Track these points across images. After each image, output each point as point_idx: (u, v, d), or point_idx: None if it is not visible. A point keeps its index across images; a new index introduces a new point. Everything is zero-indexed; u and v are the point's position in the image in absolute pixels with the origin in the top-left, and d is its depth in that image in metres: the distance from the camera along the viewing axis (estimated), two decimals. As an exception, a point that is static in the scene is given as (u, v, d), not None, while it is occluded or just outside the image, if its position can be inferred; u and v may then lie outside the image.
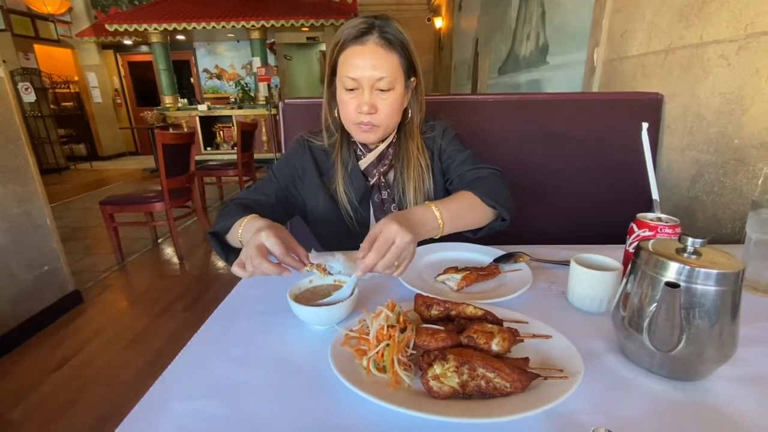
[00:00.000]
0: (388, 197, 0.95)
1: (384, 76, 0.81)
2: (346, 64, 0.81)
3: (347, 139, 0.94)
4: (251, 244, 0.61)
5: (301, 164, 0.96)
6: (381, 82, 0.81)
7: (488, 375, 0.43)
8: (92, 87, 8.26)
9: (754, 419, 0.42)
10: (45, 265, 2.22)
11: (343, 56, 0.82)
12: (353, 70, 0.81)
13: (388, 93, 0.83)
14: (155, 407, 0.46)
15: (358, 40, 0.80)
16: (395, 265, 0.60)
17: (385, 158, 0.94)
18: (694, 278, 0.43)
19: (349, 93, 0.83)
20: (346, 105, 0.85)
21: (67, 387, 1.74)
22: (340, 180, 0.92)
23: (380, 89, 0.82)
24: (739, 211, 1.01)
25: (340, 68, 0.84)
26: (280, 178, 0.95)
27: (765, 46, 0.92)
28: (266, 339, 0.58)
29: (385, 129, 0.88)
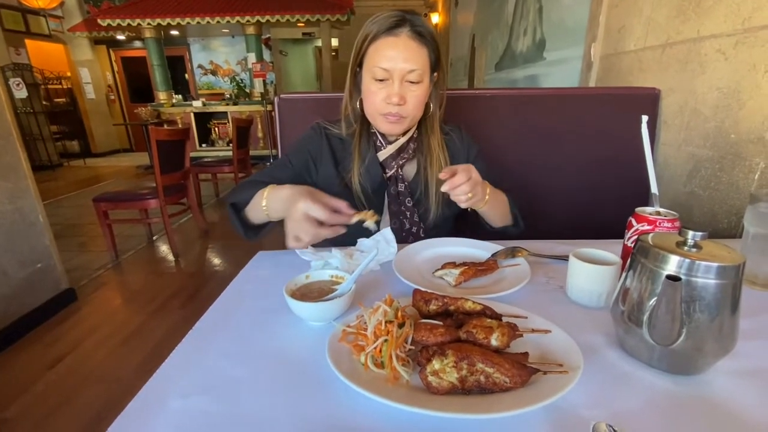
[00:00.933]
0: (404, 190, 0.96)
1: (415, 68, 0.82)
2: (378, 54, 0.82)
3: (367, 130, 0.95)
4: (295, 217, 0.64)
5: (317, 151, 0.96)
6: (412, 74, 0.82)
7: (487, 370, 0.43)
8: (85, 83, 8.15)
9: (753, 413, 0.42)
10: (38, 262, 2.19)
11: (374, 47, 0.83)
12: (385, 60, 0.81)
13: (417, 85, 0.84)
14: (150, 404, 0.45)
15: (391, 32, 0.82)
16: (468, 195, 0.72)
17: (405, 151, 0.95)
18: (694, 271, 0.43)
19: (378, 83, 0.84)
20: (374, 95, 0.85)
21: (61, 385, 1.72)
22: (356, 170, 0.91)
23: (410, 81, 0.83)
24: (735, 205, 1.02)
25: (370, 58, 0.84)
26: (294, 163, 0.94)
27: (762, 40, 0.92)
28: (263, 335, 0.58)
29: (411, 121, 0.89)
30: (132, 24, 6.70)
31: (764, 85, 0.92)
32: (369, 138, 0.95)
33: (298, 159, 0.95)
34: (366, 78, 0.86)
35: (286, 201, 0.68)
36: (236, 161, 4.22)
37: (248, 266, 0.80)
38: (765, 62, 0.92)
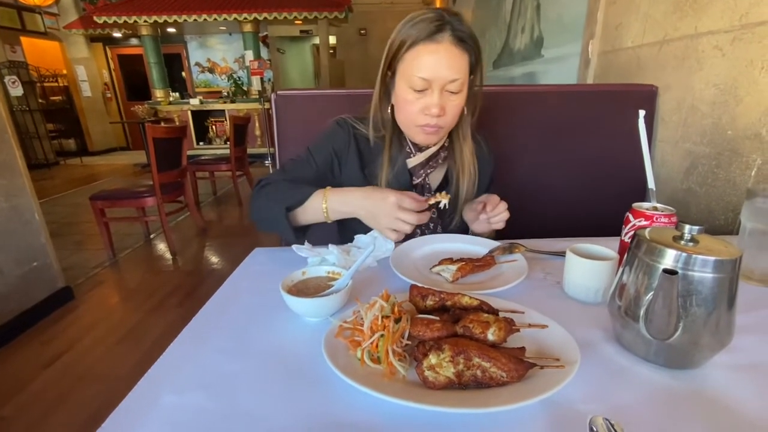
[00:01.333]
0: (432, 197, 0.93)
1: (457, 77, 0.77)
2: (417, 62, 0.76)
3: (398, 137, 0.90)
4: (389, 211, 0.70)
5: (342, 149, 0.91)
6: (453, 84, 0.77)
7: (484, 364, 0.43)
8: (81, 80, 8.11)
9: (749, 407, 0.42)
10: (34, 260, 2.18)
11: (412, 54, 0.77)
12: (426, 70, 0.76)
13: (457, 95, 0.80)
14: (144, 401, 0.44)
15: (432, 38, 0.75)
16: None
17: (434, 159, 0.91)
18: (691, 265, 0.43)
19: (416, 93, 0.79)
20: (411, 105, 0.80)
21: (58, 383, 1.71)
22: (384, 177, 0.88)
23: (450, 91, 0.78)
24: (732, 202, 1.02)
25: (407, 66, 0.78)
26: (318, 161, 0.89)
27: (759, 36, 0.92)
28: (259, 332, 0.57)
29: (446, 131, 0.86)
30: (128, 21, 6.66)
31: (761, 81, 0.92)
32: (399, 144, 0.90)
33: (321, 157, 0.90)
34: (401, 86, 0.81)
35: (362, 200, 0.73)
36: (234, 159, 4.21)
37: (245, 263, 0.80)
38: (762, 58, 0.92)
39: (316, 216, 0.78)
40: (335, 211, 0.77)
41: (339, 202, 0.76)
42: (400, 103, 0.83)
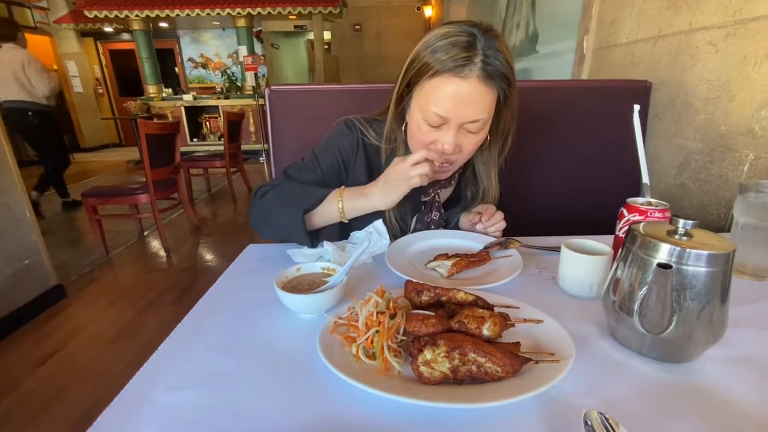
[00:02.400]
0: (438, 219, 0.90)
1: (479, 118, 0.70)
2: (436, 96, 0.69)
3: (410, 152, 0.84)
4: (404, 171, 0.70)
5: (349, 154, 0.85)
6: (473, 124, 0.71)
7: (479, 360, 0.42)
8: (72, 76, 7.99)
9: (742, 399, 0.43)
10: (25, 258, 2.15)
11: (433, 84, 0.70)
12: (444, 107, 0.69)
13: (476, 135, 0.74)
14: (136, 398, 0.44)
15: (458, 72, 0.67)
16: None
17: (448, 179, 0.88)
18: (685, 259, 0.43)
19: (430, 128, 0.73)
20: (423, 135, 0.74)
21: (51, 382, 1.70)
22: None
23: (469, 130, 0.72)
24: (724, 197, 1.03)
25: (425, 96, 0.71)
26: (323, 166, 0.84)
27: (753, 32, 0.93)
28: (253, 328, 0.57)
29: (459, 165, 0.81)
30: (120, 16, 6.56)
31: (754, 77, 0.93)
32: None
33: (326, 161, 0.85)
34: (415, 114, 0.74)
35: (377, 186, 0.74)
36: (228, 156, 4.18)
37: (238, 259, 0.79)
38: (755, 54, 0.92)
39: (330, 217, 0.76)
40: (352, 209, 0.74)
41: (356, 199, 0.74)
42: (413, 130, 0.77)
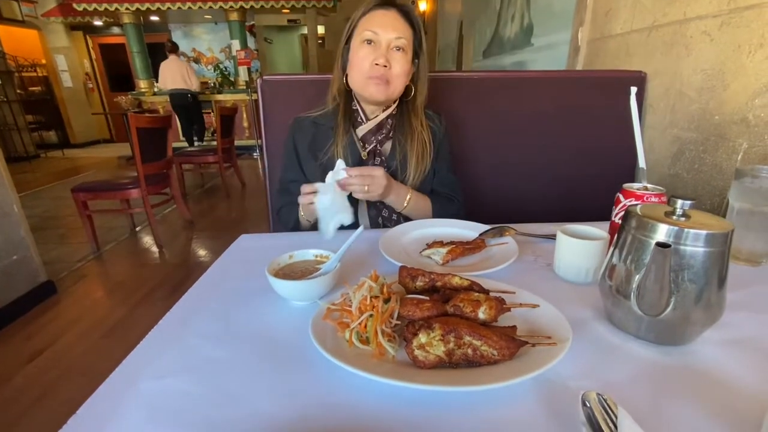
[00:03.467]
0: (381, 164, 0.97)
1: (402, 36, 0.90)
2: (369, 21, 0.90)
3: (349, 106, 0.99)
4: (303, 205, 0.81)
5: (297, 137, 1.01)
6: (398, 41, 0.89)
7: (475, 343, 0.42)
8: (61, 70, 7.86)
9: (738, 381, 0.42)
10: (14, 254, 2.11)
11: (365, 18, 0.91)
12: (376, 25, 0.89)
13: (402, 53, 0.91)
14: (122, 386, 0.43)
15: (382, 6, 0.91)
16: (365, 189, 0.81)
17: (384, 128, 0.98)
18: (683, 239, 0.42)
19: (367, 48, 0.90)
20: (362, 60, 0.90)
21: (41, 379, 1.67)
22: (339, 143, 0.95)
23: (396, 47, 0.90)
24: (718, 186, 1.03)
25: (361, 26, 0.91)
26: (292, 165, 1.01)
27: (747, 20, 0.92)
28: (244, 316, 0.56)
29: (393, 89, 0.93)
30: (109, 9, 6.45)
31: (748, 65, 0.92)
32: (350, 114, 0.98)
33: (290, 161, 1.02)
34: (354, 46, 0.92)
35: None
36: (220, 151, 4.13)
37: (230, 248, 0.78)
38: (749, 42, 0.92)
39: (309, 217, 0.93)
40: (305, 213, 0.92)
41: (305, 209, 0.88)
42: (353, 62, 0.93)
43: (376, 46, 0.90)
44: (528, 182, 1.31)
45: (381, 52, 0.89)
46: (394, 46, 0.90)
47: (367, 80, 0.90)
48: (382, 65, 0.88)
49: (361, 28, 0.92)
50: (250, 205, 4.18)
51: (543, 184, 1.33)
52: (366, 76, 0.90)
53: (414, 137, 0.99)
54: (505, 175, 1.07)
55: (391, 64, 0.90)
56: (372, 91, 0.91)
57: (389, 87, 0.91)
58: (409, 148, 0.98)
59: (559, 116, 1.28)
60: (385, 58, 0.89)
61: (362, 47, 0.90)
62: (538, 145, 1.30)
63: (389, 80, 0.91)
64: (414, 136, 0.99)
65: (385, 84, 0.90)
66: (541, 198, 1.32)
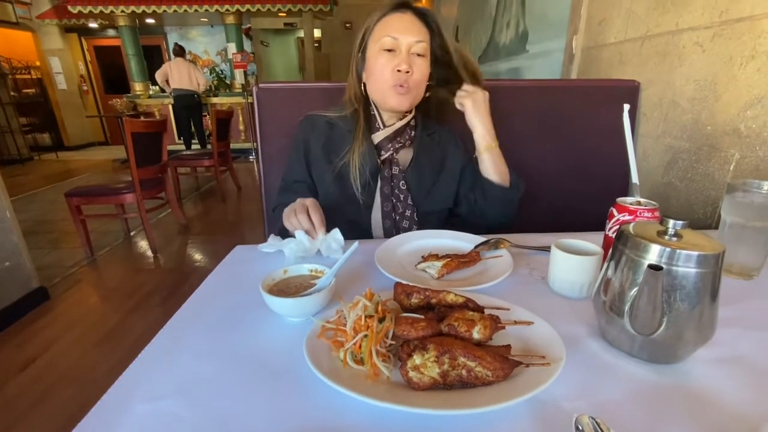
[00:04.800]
0: (398, 173, 0.96)
1: (422, 40, 0.87)
2: (387, 26, 0.88)
3: (367, 112, 0.97)
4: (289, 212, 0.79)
5: (308, 136, 0.98)
6: (418, 45, 0.87)
7: (469, 364, 0.42)
8: (56, 73, 7.80)
9: (731, 399, 0.43)
10: (5, 260, 2.09)
11: (381, 23, 0.89)
12: (395, 30, 0.87)
13: (422, 59, 0.89)
14: (114, 408, 0.42)
15: (398, 10, 0.89)
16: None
17: (401, 135, 0.96)
18: (675, 260, 0.43)
19: (386, 55, 0.87)
20: (383, 67, 0.88)
21: (33, 387, 1.65)
22: (357, 150, 0.92)
23: (416, 53, 0.88)
24: (711, 196, 1.04)
25: (377, 33, 0.89)
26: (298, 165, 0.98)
27: (739, 33, 0.93)
28: (238, 333, 0.55)
29: (415, 96, 0.92)
30: (105, 11, 6.42)
31: (740, 77, 0.94)
32: (369, 121, 0.96)
33: (297, 160, 0.99)
34: (373, 53, 0.89)
35: None
36: (216, 154, 4.12)
37: (225, 261, 0.77)
38: (741, 54, 0.93)
39: None
40: None
41: None
42: (372, 70, 0.90)
43: (396, 52, 0.87)
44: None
45: (402, 57, 0.87)
46: (415, 51, 0.88)
47: (390, 89, 0.88)
48: (404, 71, 0.86)
49: (377, 34, 0.88)
50: (246, 209, 4.17)
51: (537, 192, 1.33)
52: (389, 84, 0.88)
53: (432, 149, 0.98)
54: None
55: (413, 69, 0.87)
56: (394, 103, 0.90)
57: (411, 94, 0.90)
58: (428, 158, 0.97)
59: (554, 125, 1.29)
60: (407, 64, 0.86)
61: (382, 54, 0.87)
62: (532, 154, 1.31)
63: (411, 87, 0.89)
64: (432, 149, 0.98)
65: (407, 92, 0.89)
66: (535, 207, 1.32)
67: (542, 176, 1.32)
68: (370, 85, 0.93)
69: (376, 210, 0.96)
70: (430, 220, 0.99)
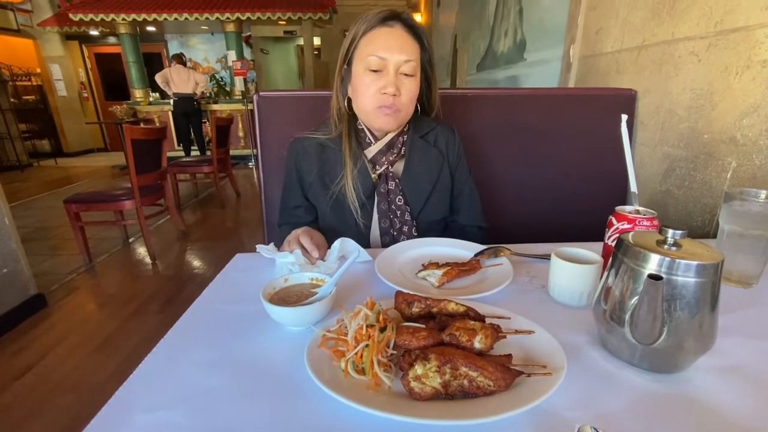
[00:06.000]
0: (395, 188, 0.93)
1: (411, 59, 0.82)
2: (373, 44, 0.82)
3: (354, 129, 0.92)
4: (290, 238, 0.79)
5: (299, 164, 0.95)
6: (407, 65, 0.82)
7: (471, 374, 0.42)
8: (56, 80, 7.84)
9: (733, 409, 0.43)
10: (3, 267, 2.08)
11: (367, 38, 0.83)
12: (381, 50, 0.81)
13: (411, 79, 0.84)
14: (114, 420, 0.42)
15: (386, 23, 0.82)
16: None
17: (395, 146, 0.92)
18: (674, 270, 0.43)
19: (372, 75, 0.82)
20: (368, 88, 0.83)
21: (30, 396, 1.64)
22: (348, 173, 0.88)
23: (404, 73, 0.83)
24: (709, 204, 1.04)
25: (363, 50, 0.83)
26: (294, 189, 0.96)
27: (734, 42, 0.95)
28: (239, 342, 0.55)
29: (404, 116, 0.87)
30: (106, 19, 6.47)
31: (736, 86, 0.95)
32: (357, 136, 0.92)
33: (292, 180, 0.96)
34: (358, 71, 0.84)
35: None
36: (216, 161, 4.13)
37: (225, 270, 0.77)
38: (736, 64, 0.94)
39: None
40: None
41: None
42: (358, 90, 0.86)
43: (383, 72, 0.82)
44: (521, 200, 1.32)
45: (389, 79, 0.81)
46: (403, 72, 0.82)
47: (376, 110, 0.84)
48: (391, 94, 0.81)
49: (363, 50, 0.83)
50: (245, 216, 4.17)
51: (537, 201, 1.34)
52: (374, 106, 0.84)
53: (428, 154, 0.94)
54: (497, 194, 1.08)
55: (401, 91, 0.83)
56: (381, 122, 0.86)
57: (399, 115, 0.85)
58: (424, 166, 0.94)
59: (552, 133, 1.30)
60: (394, 86, 0.81)
61: (367, 74, 0.82)
62: (531, 162, 1.32)
63: (399, 108, 0.84)
64: (428, 153, 0.94)
65: (395, 114, 0.84)
66: (535, 215, 1.33)
67: (541, 184, 1.33)
68: (356, 103, 0.89)
69: (375, 228, 0.94)
70: (431, 228, 0.97)
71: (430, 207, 0.96)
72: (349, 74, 0.88)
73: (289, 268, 0.73)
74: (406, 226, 0.94)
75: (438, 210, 0.98)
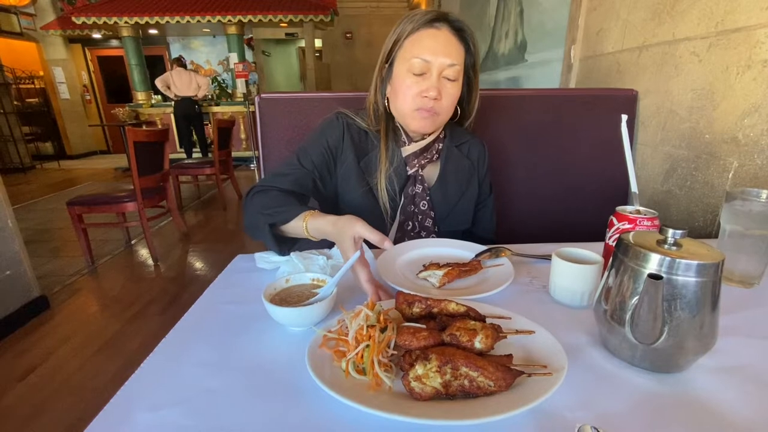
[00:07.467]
0: (422, 191, 0.92)
1: (455, 63, 0.80)
2: (418, 46, 0.80)
3: (392, 128, 0.90)
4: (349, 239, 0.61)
5: (337, 143, 0.89)
6: (451, 69, 0.80)
7: (471, 374, 0.42)
8: (59, 82, 7.88)
9: (734, 409, 0.43)
10: (7, 269, 2.09)
11: (412, 39, 0.81)
12: (426, 52, 0.79)
13: (453, 84, 0.82)
14: (116, 419, 0.42)
15: (432, 25, 0.80)
16: None
17: (429, 151, 0.91)
18: (675, 269, 0.43)
19: (414, 77, 0.80)
20: (408, 89, 0.81)
21: (33, 397, 1.64)
22: (383, 171, 0.87)
23: (447, 77, 0.81)
24: (710, 204, 1.04)
25: (407, 51, 0.81)
26: (315, 160, 0.87)
27: (735, 43, 0.95)
28: (240, 342, 0.55)
29: (442, 120, 0.86)
30: (108, 22, 6.51)
31: (737, 86, 0.95)
32: (395, 135, 0.91)
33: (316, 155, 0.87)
34: (400, 72, 0.82)
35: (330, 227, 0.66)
36: (217, 163, 4.14)
37: (226, 271, 0.77)
38: (737, 64, 0.94)
39: (300, 233, 0.73)
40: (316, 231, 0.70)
41: (315, 230, 0.70)
42: (397, 89, 0.84)
43: (426, 75, 0.80)
44: (522, 200, 1.32)
45: (432, 82, 0.79)
46: (446, 76, 0.80)
47: (413, 112, 0.82)
48: (432, 98, 0.80)
49: (408, 52, 0.81)
50: (247, 217, 4.17)
51: (538, 201, 1.34)
52: (413, 108, 0.82)
53: (462, 164, 0.94)
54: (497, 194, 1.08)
55: (442, 94, 0.81)
56: (417, 125, 0.84)
57: (437, 119, 0.84)
58: (457, 176, 0.93)
59: (553, 134, 1.30)
60: (436, 90, 0.79)
61: (409, 76, 0.81)
62: (532, 162, 1.31)
63: (438, 112, 0.82)
64: (462, 163, 0.94)
65: (432, 117, 0.83)
66: (536, 215, 1.33)
67: (542, 184, 1.33)
68: (394, 104, 0.87)
69: (394, 228, 0.92)
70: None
71: (454, 216, 0.95)
72: (390, 74, 0.86)
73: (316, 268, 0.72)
74: (424, 232, 0.93)
75: (461, 220, 0.97)
